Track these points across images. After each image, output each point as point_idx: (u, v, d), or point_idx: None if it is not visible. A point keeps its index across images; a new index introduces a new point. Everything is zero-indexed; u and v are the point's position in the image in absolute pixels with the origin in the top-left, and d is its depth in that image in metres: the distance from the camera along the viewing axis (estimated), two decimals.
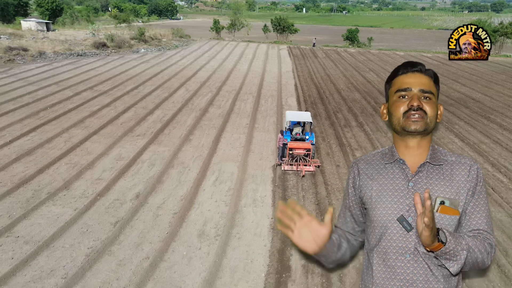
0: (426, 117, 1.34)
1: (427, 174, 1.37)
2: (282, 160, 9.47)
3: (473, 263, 1.28)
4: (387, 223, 1.38)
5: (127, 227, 6.98)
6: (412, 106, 1.34)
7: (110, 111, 13.86)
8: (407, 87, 1.37)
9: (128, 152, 10.27)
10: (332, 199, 8.24)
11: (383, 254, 1.39)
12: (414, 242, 1.33)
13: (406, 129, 1.36)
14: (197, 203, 7.91)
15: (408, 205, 1.35)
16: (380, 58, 31.55)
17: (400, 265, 1.35)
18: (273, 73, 22.97)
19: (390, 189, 1.39)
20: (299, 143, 9.50)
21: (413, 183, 1.37)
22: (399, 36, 57.26)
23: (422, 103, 1.34)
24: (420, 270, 1.32)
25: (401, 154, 1.42)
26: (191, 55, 28.64)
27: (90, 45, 26.30)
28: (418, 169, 1.37)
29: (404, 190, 1.37)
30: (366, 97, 17.42)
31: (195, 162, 9.81)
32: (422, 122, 1.34)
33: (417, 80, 1.37)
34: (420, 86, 1.36)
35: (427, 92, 1.36)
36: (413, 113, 1.34)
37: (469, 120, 14.13)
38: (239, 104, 15.70)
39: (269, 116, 14.28)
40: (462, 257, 1.21)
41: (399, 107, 1.37)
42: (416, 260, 1.32)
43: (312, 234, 1.33)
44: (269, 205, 7.92)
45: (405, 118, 1.36)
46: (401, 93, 1.38)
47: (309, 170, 9.19)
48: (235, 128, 12.64)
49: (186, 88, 18.08)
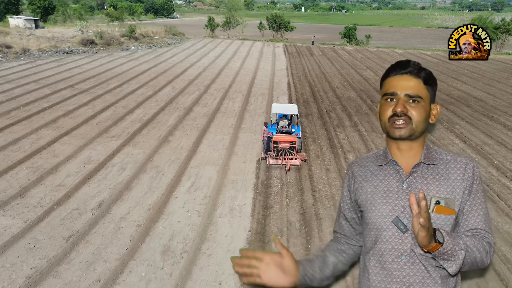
0: (411, 122, 1.31)
1: (421, 174, 1.34)
2: (267, 154, 9.06)
3: (472, 263, 1.25)
4: (382, 225, 1.34)
5: (82, 243, 6.09)
6: (396, 112, 1.31)
7: (87, 110, 12.96)
8: (393, 91, 1.34)
9: (99, 154, 9.38)
10: (319, 208, 7.35)
11: (379, 257, 1.35)
12: (410, 243, 1.29)
13: (390, 135, 1.35)
14: (167, 213, 7.02)
15: (403, 207, 1.31)
16: (378, 56, 30.67)
17: (396, 267, 1.31)
18: (266, 71, 22.08)
19: (385, 190, 1.36)
20: (284, 136, 9.13)
21: (407, 184, 1.34)
22: (398, 34, 56.40)
23: (408, 107, 1.31)
24: (417, 272, 1.29)
25: (394, 156, 1.39)
26: (183, 53, 27.75)
27: (78, 43, 25.42)
28: (412, 170, 1.34)
29: (398, 191, 1.34)
30: (362, 96, 16.54)
31: (170, 166, 8.92)
32: (406, 128, 1.31)
33: (404, 84, 1.33)
34: (406, 91, 1.32)
35: (414, 96, 1.31)
36: (397, 118, 1.31)
37: (470, 120, 13.25)
38: (227, 103, 14.81)
39: (257, 115, 13.40)
40: (460, 257, 1.20)
41: (386, 111, 1.35)
42: (413, 262, 1.29)
43: (280, 269, 1.30)
44: (248, 215, 7.03)
45: (390, 124, 1.33)
46: (388, 96, 1.36)
47: (295, 164, 8.77)
48: (220, 129, 11.75)
49: (172, 86, 17.19)
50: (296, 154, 8.91)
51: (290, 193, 7.93)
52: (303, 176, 8.63)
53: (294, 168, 9.04)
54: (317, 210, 7.27)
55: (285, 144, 8.92)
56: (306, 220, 6.91)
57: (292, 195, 7.83)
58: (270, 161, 8.76)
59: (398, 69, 1.36)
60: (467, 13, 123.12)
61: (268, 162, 8.80)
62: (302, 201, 7.59)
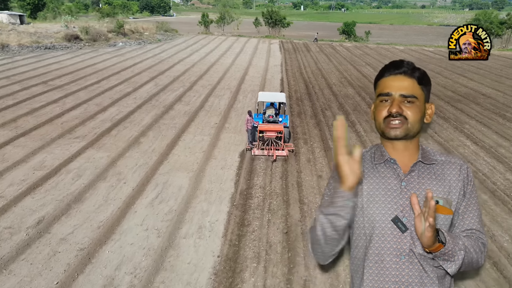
0: (407, 122, 1.31)
1: (418, 173, 1.33)
2: (252, 145, 8.61)
3: (469, 263, 1.27)
4: (381, 224, 1.31)
5: (2, 274, 4.79)
6: (391, 112, 1.30)
7: (55, 108, 11.66)
8: (388, 91, 1.33)
9: (55, 159, 8.08)
10: (308, 225, 6.03)
11: (375, 256, 1.32)
12: (409, 243, 1.28)
13: (386, 135, 1.35)
14: (119, 232, 5.72)
15: (401, 206, 1.30)
16: (378, 52, 29.34)
17: (394, 267, 1.29)
18: (259, 67, 20.76)
19: (383, 188, 1.33)
20: (270, 125, 8.66)
21: (405, 183, 1.32)
22: (398, 32, 55.06)
23: (403, 108, 1.30)
24: (416, 271, 1.28)
25: (390, 155, 1.37)
26: (173, 49, 26.41)
27: (61, 38, 24.11)
28: (411, 169, 1.33)
29: (397, 190, 1.32)
30: (361, 93, 15.23)
31: (135, 173, 7.62)
32: (402, 128, 1.31)
33: (399, 84, 1.31)
34: (401, 91, 1.31)
35: (408, 96, 1.30)
36: (392, 119, 1.31)
37: (481, 119, 11.94)
38: (212, 100, 13.50)
39: (245, 113, 12.06)
40: (460, 257, 1.20)
41: (381, 111, 1.34)
42: (411, 261, 1.28)
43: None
44: (219, 234, 5.73)
45: (385, 124, 1.33)
46: (383, 97, 1.34)
47: (281, 155, 8.31)
48: (200, 129, 10.44)
49: (155, 83, 15.87)
50: (283, 145, 8.41)
51: (274, 206, 6.62)
52: (291, 184, 7.33)
53: (280, 175, 7.74)
54: (304, 228, 5.97)
55: (271, 133, 8.42)
56: (290, 241, 5.61)
57: (275, 208, 6.53)
58: (255, 151, 8.30)
59: (392, 69, 1.34)
60: (468, 12, 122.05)
61: (253, 153, 8.34)
62: (287, 216, 6.29)
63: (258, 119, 9.30)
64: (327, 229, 1.22)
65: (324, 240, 1.25)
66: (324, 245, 1.27)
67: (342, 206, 1.19)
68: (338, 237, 1.24)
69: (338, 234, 1.23)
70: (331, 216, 1.21)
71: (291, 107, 12.99)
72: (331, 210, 1.20)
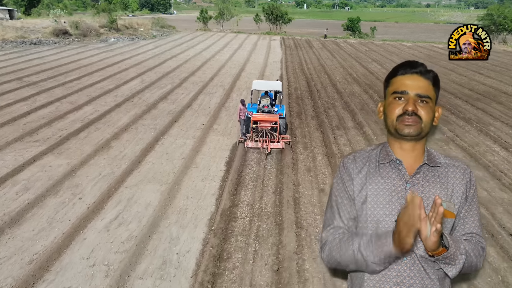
0: (421, 122, 1.29)
1: (423, 176, 1.33)
2: (246, 136, 8.06)
3: (469, 267, 1.27)
4: (384, 224, 1.30)
5: None
6: (406, 110, 1.29)
7: (23, 107, 10.31)
8: (404, 89, 1.31)
9: (3, 167, 6.71)
10: (306, 258, 4.63)
11: None
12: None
13: (399, 132, 1.32)
14: (56, 269, 4.33)
15: None
16: (385, 48, 27.82)
17: (396, 267, 1.29)
18: (257, 64, 19.34)
19: (387, 189, 1.33)
20: (264, 116, 8.12)
21: (410, 184, 1.32)
22: (404, 29, 53.44)
23: (418, 107, 1.29)
24: (417, 273, 1.29)
25: (396, 155, 1.36)
26: (167, 45, 25.03)
27: (49, 33, 22.81)
28: (417, 170, 1.33)
29: (401, 191, 1.32)
30: (368, 90, 13.78)
31: (96, 185, 6.23)
32: (416, 127, 1.29)
33: (415, 83, 1.30)
34: (417, 90, 1.30)
35: (424, 96, 1.30)
36: (407, 117, 1.29)
37: (507, 120, 10.46)
38: (202, 98, 12.10)
39: (237, 113, 10.67)
40: (461, 261, 1.21)
41: (394, 109, 1.32)
42: (413, 263, 1.29)
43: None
44: (188, 273, 4.33)
45: (399, 122, 1.31)
46: (397, 95, 1.33)
47: (276, 147, 7.75)
48: (184, 131, 9.05)
49: (142, 79, 14.51)
50: (279, 136, 7.83)
51: (263, 230, 5.21)
52: (286, 200, 5.91)
53: (273, 188, 6.33)
54: (301, 264, 4.55)
55: (266, 124, 7.91)
56: (282, 284, 4.19)
57: (265, 235, 5.12)
58: (248, 144, 7.73)
59: (408, 68, 1.33)
60: (474, 11, 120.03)
61: (246, 146, 7.75)
62: (279, 246, 4.88)
63: (252, 109, 8.67)
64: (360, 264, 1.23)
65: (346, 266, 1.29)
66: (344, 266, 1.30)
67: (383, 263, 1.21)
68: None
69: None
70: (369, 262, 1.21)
71: (290, 106, 11.58)
72: (371, 259, 1.20)
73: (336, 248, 1.30)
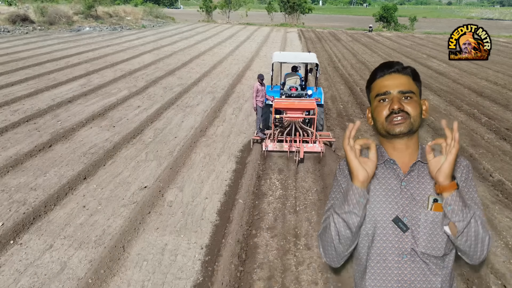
0: (409, 117, 1.25)
1: (418, 173, 1.30)
2: (264, 134, 5.42)
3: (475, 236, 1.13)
4: (382, 224, 1.29)
5: None
6: (393, 109, 1.26)
7: None
8: (385, 90, 1.29)
9: None
10: None
11: (377, 256, 1.30)
12: (410, 242, 1.26)
13: (390, 133, 1.29)
14: None
15: (401, 206, 1.28)
16: (435, 42, 21.97)
17: (397, 266, 1.28)
18: (269, 59, 13.87)
19: (383, 188, 1.30)
20: (294, 102, 5.25)
21: (405, 183, 1.29)
22: (438, 23, 47.28)
23: (403, 104, 1.26)
24: (418, 270, 1.26)
25: (390, 155, 1.34)
26: (154, 36, 19.78)
27: (4, 20, 17.84)
28: (411, 168, 1.30)
29: (397, 190, 1.29)
30: (449, 97, 8.17)
31: None
32: (406, 123, 1.25)
33: (395, 82, 1.28)
34: (399, 88, 1.27)
35: (406, 92, 1.27)
36: (395, 116, 1.25)
37: None
38: (170, 118, 6.68)
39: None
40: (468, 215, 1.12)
41: (381, 111, 1.29)
42: (413, 260, 1.26)
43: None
44: None
45: (388, 122, 1.27)
46: (381, 97, 1.30)
47: (313, 151, 5.02)
48: (93, 197, 3.63)
49: (87, 80, 9.21)
50: (315, 133, 5.16)
51: None
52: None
53: None
54: None
55: (295, 114, 5.23)
56: None
57: None
58: (268, 145, 4.99)
59: (385, 70, 1.32)
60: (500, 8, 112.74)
61: (265, 148, 4.98)
62: None
63: (273, 93, 5.80)
64: (341, 228, 1.20)
65: (339, 240, 1.24)
66: (338, 245, 1.25)
67: (356, 204, 1.18)
68: (352, 236, 1.22)
69: (352, 232, 1.21)
70: (345, 214, 1.18)
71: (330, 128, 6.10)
72: (345, 209, 1.19)
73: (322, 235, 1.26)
